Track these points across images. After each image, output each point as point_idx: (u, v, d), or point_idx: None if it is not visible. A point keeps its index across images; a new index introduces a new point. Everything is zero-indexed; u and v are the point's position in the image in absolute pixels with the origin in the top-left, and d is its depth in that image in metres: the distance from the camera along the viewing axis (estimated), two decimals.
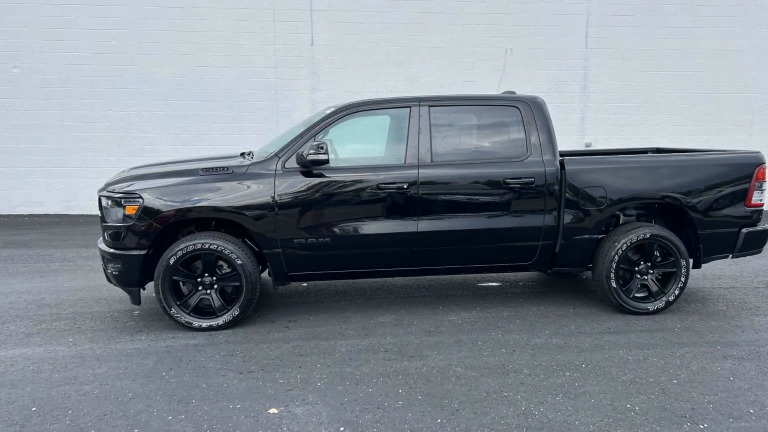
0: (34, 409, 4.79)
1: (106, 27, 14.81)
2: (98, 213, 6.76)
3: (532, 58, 15.78)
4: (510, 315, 7.04)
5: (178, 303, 6.47)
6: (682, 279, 6.99)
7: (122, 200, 6.42)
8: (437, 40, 15.53)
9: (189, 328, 6.49)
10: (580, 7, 15.68)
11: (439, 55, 15.63)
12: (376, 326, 6.68)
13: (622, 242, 6.86)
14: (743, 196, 7.13)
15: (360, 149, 7.65)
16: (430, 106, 6.89)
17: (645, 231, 6.91)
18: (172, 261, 6.35)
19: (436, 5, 15.41)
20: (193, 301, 6.53)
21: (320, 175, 6.57)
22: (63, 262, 10.03)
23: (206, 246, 6.37)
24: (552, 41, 15.76)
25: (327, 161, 6.43)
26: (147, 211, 6.35)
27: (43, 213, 15.24)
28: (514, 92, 7.59)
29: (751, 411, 4.72)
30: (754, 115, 16.42)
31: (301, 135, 6.74)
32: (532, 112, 7.01)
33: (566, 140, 14.54)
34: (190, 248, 6.37)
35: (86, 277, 8.91)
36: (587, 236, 7.00)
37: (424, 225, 6.72)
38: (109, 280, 6.77)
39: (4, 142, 14.96)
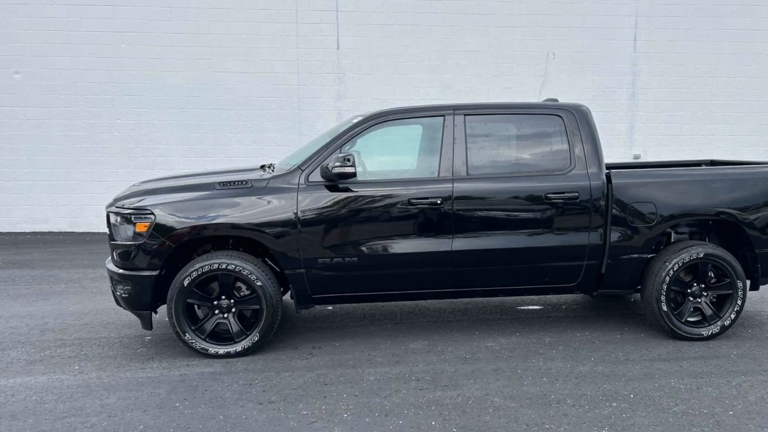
0: None
1: (115, 29, 14.97)
2: (106, 230, 6.84)
3: (576, 63, 15.76)
4: (552, 341, 7.04)
5: (192, 328, 6.51)
6: (739, 302, 6.96)
7: (132, 217, 6.48)
8: (473, 44, 15.57)
9: (205, 354, 6.53)
10: (627, 7, 15.65)
11: (476, 60, 15.64)
12: (407, 353, 6.70)
13: (673, 262, 6.84)
14: None
15: (389, 161, 7.70)
16: (465, 115, 6.92)
17: (698, 250, 6.89)
18: (186, 282, 6.39)
19: (472, 6, 15.44)
20: (209, 325, 6.56)
21: (347, 190, 6.62)
22: (68, 283, 10.15)
23: (223, 266, 6.41)
24: (597, 45, 15.73)
25: (354, 174, 6.47)
26: (159, 229, 6.40)
27: (46, 230, 15.41)
28: (556, 99, 7.61)
29: None
30: None
31: (326, 146, 6.79)
32: (576, 121, 7.03)
33: (613, 152, 14.49)
34: (206, 269, 6.41)
35: (93, 300, 9.02)
36: (636, 255, 6.99)
37: (459, 243, 6.74)
38: (118, 303, 6.83)
39: (5, 153, 15.12)
